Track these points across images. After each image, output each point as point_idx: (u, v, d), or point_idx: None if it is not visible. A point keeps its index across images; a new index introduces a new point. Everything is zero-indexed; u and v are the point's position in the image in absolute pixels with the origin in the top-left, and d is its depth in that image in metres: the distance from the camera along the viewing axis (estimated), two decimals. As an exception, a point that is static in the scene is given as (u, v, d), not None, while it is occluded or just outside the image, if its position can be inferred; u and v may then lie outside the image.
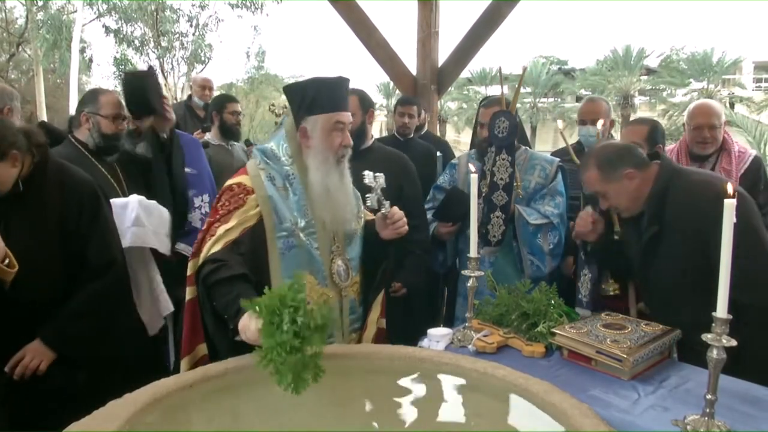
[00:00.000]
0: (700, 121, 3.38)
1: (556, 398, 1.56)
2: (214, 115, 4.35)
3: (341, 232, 2.23)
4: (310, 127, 2.11)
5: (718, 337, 1.50)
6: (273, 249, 2.09)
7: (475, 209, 2.13)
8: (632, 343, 1.91)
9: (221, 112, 4.31)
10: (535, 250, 3.03)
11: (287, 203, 2.13)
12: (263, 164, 2.16)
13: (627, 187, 2.23)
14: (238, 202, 2.09)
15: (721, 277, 1.52)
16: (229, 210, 2.08)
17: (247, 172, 2.18)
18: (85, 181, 2.45)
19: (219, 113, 4.31)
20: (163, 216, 2.90)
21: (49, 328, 2.29)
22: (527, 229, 3.00)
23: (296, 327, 1.49)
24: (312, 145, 2.12)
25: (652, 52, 30.36)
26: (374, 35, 5.19)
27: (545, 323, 2.10)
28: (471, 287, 2.13)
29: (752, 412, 1.66)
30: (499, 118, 2.90)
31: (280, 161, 2.16)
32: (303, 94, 2.13)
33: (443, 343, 2.09)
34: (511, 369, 1.73)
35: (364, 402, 1.74)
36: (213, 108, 4.42)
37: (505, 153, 2.88)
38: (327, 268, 2.19)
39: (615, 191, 2.25)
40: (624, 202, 2.29)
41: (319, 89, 2.12)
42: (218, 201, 2.15)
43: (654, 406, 1.71)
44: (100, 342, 2.41)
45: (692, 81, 28.44)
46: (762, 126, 12.74)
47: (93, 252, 2.39)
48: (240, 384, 1.73)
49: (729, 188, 1.52)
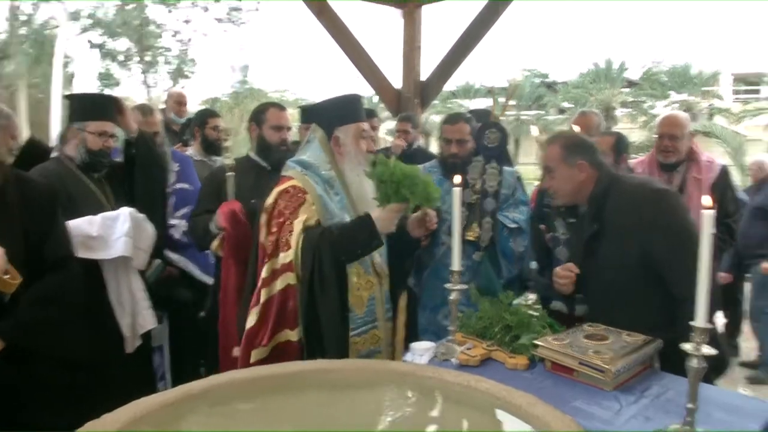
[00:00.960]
0: (662, 131, 3.52)
1: (540, 411, 1.57)
2: (195, 130, 4.32)
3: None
4: (342, 136, 2.42)
5: (697, 346, 1.52)
6: None
7: (458, 222, 2.14)
8: (614, 353, 1.92)
9: (203, 127, 4.28)
10: (507, 253, 3.15)
11: (333, 203, 2.37)
12: (304, 171, 2.39)
13: (575, 176, 2.36)
14: (299, 200, 2.30)
15: (700, 286, 1.54)
16: (294, 208, 2.28)
17: (292, 177, 2.37)
18: (42, 184, 2.52)
19: (201, 128, 4.29)
20: (148, 231, 2.89)
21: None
22: (503, 233, 3.14)
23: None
24: (345, 152, 2.42)
25: (634, 65, 30.84)
26: (358, 50, 5.23)
27: (528, 335, 2.11)
28: (453, 300, 2.14)
29: (730, 420, 1.69)
30: (489, 129, 3.06)
31: (318, 168, 2.40)
32: (331, 109, 2.49)
33: (426, 357, 2.09)
34: (495, 382, 1.73)
35: (347, 418, 1.73)
36: (195, 123, 4.39)
37: (494, 162, 3.06)
38: (370, 260, 2.43)
39: (563, 174, 2.37)
40: (564, 188, 2.41)
41: (344, 104, 2.49)
42: (275, 205, 2.32)
43: (636, 416, 1.72)
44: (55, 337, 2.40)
45: (673, 93, 28.79)
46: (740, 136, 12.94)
47: (49, 248, 2.42)
48: (224, 402, 1.72)
49: (706, 200, 1.54)
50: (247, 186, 3.11)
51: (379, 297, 2.48)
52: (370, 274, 2.44)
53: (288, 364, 1.99)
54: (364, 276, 2.42)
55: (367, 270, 2.44)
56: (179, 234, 3.44)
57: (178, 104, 5.38)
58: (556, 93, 32.47)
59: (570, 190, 2.40)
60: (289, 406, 1.76)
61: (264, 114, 3.25)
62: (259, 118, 3.25)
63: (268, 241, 2.31)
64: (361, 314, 2.39)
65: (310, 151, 2.47)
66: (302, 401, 1.71)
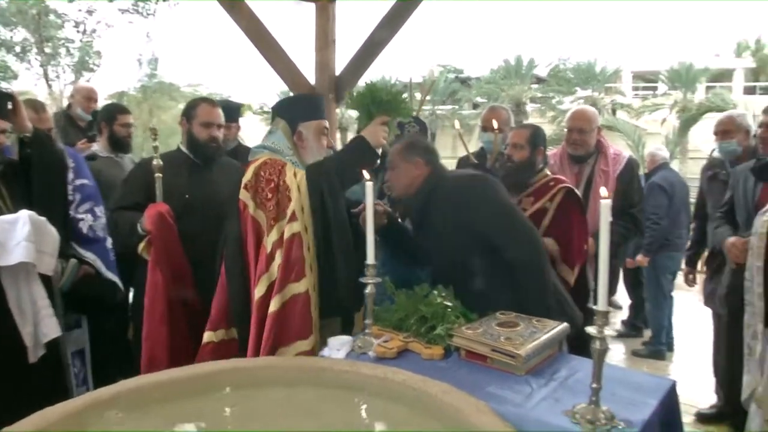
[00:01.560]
0: (571, 125, 3.68)
1: (454, 398, 1.61)
2: (103, 126, 4.10)
3: None
4: (305, 132, 2.57)
5: (600, 329, 1.60)
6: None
7: (371, 217, 2.16)
8: (524, 339, 2.00)
9: (111, 124, 4.07)
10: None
11: None
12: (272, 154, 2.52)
13: (410, 171, 2.57)
14: (280, 164, 2.46)
15: (601, 272, 1.62)
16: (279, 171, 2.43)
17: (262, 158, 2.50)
18: None
19: (109, 124, 4.07)
20: (51, 234, 2.72)
21: None
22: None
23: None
24: (307, 146, 2.57)
25: (541, 62, 32.03)
26: (272, 45, 5.13)
27: (443, 326, 2.15)
28: (369, 294, 2.15)
29: (633, 396, 1.79)
30: (410, 123, 3.14)
31: (283, 154, 2.53)
32: (297, 105, 2.71)
33: (344, 351, 2.09)
34: (411, 373, 1.77)
35: (264, 418, 1.72)
36: (102, 118, 4.17)
37: None
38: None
39: (401, 169, 2.58)
40: (400, 181, 2.61)
41: (309, 102, 2.76)
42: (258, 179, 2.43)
43: (546, 398, 1.79)
44: None
45: (578, 89, 30.14)
46: (640, 130, 13.72)
47: None
48: (135, 408, 1.66)
49: (603, 191, 1.62)
50: (180, 181, 3.05)
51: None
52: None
53: (203, 364, 1.95)
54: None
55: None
56: (86, 228, 3.26)
57: (87, 100, 5.08)
58: (469, 88, 33.25)
59: (404, 184, 2.60)
60: (206, 408, 1.72)
61: (194, 110, 3.16)
62: (189, 114, 3.17)
63: (268, 207, 2.39)
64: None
65: (274, 138, 2.58)
66: (219, 402, 1.68)
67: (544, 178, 3.10)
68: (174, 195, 3.00)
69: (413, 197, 2.60)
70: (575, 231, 3.01)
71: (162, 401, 1.68)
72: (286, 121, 2.60)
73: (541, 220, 3.01)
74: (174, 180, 3.05)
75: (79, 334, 3.20)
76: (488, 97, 30.38)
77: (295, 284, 2.31)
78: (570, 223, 3.01)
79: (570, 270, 2.98)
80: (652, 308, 5.46)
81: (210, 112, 3.16)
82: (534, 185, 3.09)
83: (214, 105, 3.24)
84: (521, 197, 3.08)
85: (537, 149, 3.06)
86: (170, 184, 3.02)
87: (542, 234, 2.97)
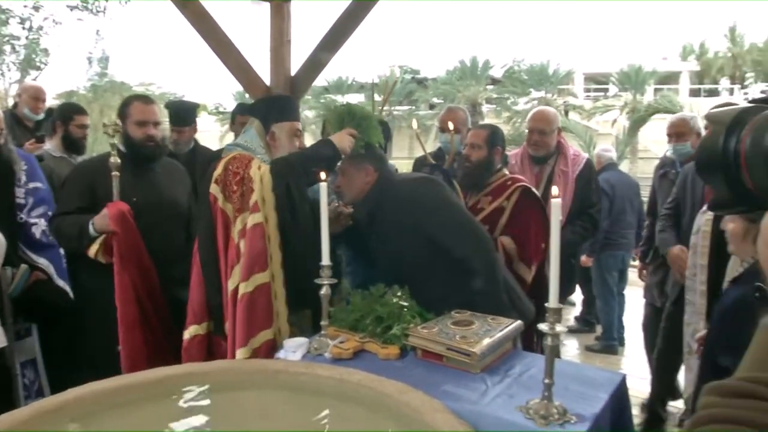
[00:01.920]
0: (531, 126, 3.74)
1: (410, 397, 1.62)
2: (57, 125, 3.97)
3: None
4: (277, 132, 2.58)
5: (552, 325, 1.63)
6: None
7: (326, 218, 2.15)
8: (479, 337, 2.02)
9: (67, 124, 3.94)
10: None
11: None
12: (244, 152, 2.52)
13: (361, 177, 2.61)
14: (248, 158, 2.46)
15: (552, 269, 1.65)
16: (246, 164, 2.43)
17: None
18: None
19: (64, 124, 3.95)
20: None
21: None
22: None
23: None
24: (279, 146, 2.57)
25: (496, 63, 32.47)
26: (226, 44, 5.05)
27: (399, 326, 2.16)
28: (324, 295, 2.15)
29: (584, 390, 1.83)
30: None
31: (256, 152, 2.53)
32: (271, 106, 2.69)
33: (300, 353, 2.08)
34: (366, 373, 1.77)
35: (220, 421, 1.69)
36: (58, 118, 4.04)
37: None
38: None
39: (352, 175, 2.62)
40: (351, 187, 2.65)
41: (284, 103, 2.76)
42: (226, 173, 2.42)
43: (501, 395, 1.81)
44: None
45: (532, 90, 30.69)
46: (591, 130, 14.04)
47: None
48: (84, 416, 1.62)
49: (555, 190, 1.66)
50: (125, 183, 2.88)
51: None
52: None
53: (155, 370, 1.91)
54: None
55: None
56: (39, 233, 3.14)
57: (34, 100, 4.91)
58: (426, 89, 33.48)
59: (355, 190, 2.63)
60: (159, 415, 1.69)
61: (127, 108, 2.99)
62: (123, 113, 2.99)
63: (234, 199, 2.39)
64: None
65: (248, 137, 2.61)
66: (173, 408, 1.64)
67: (502, 177, 3.13)
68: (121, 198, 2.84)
69: (363, 202, 2.63)
70: (532, 230, 3.04)
71: (113, 408, 1.64)
72: (260, 120, 2.62)
73: (498, 219, 3.04)
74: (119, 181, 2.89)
75: (30, 343, 3.06)
76: (444, 97, 30.65)
77: (260, 275, 2.31)
78: (527, 222, 3.04)
79: (527, 268, 3.01)
80: (602, 305, 5.62)
81: (144, 110, 3.00)
82: (492, 185, 3.12)
83: (148, 102, 3.08)
84: (479, 197, 3.11)
85: (495, 149, 3.09)
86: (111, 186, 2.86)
87: (500, 233, 3.01)
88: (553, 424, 1.62)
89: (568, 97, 30.94)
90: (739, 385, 0.84)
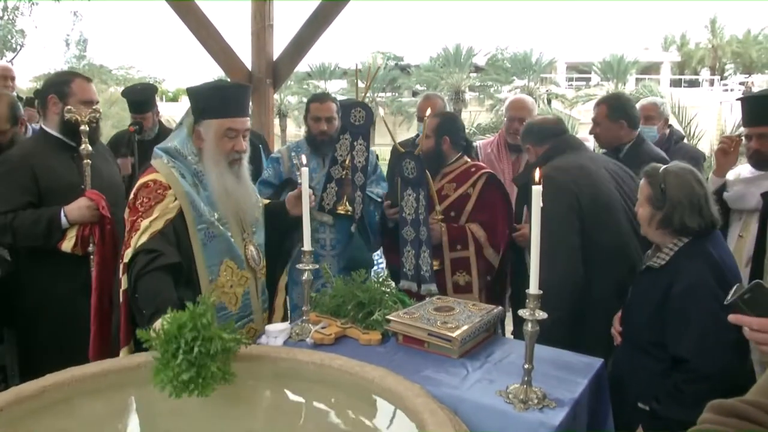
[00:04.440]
0: (511, 114, 3.78)
1: (391, 382, 1.63)
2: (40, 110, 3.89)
3: (247, 220, 2.39)
4: (204, 131, 2.21)
5: (532, 311, 1.65)
6: (195, 240, 2.18)
7: (307, 203, 2.14)
8: (459, 323, 2.03)
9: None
10: (372, 225, 3.34)
11: (200, 198, 2.21)
12: (171, 162, 2.21)
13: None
14: (158, 197, 2.12)
15: (533, 256, 1.66)
16: (150, 205, 2.11)
17: (157, 170, 2.19)
18: None
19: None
20: None
21: None
22: (369, 206, 3.29)
23: (191, 357, 1.50)
24: (205, 148, 2.22)
25: (480, 51, 32.50)
26: (207, 27, 4.99)
27: (380, 311, 2.16)
28: (306, 280, 2.14)
29: (563, 376, 1.85)
30: (356, 108, 3.09)
31: (186, 159, 2.23)
32: (200, 98, 2.23)
33: (281, 338, 2.07)
34: (348, 358, 1.77)
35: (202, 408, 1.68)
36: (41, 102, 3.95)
37: (361, 139, 3.13)
38: (243, 254, 2.33)
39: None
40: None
41: (215, 95, 2.23)
42: (135, 199, 2.16)
43: (481, 380, 1.83)
44: None
45: (515, 78, 30.78)
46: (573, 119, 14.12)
47: None
48: (60, 401, 1.60)
49: (536, 176, 1.66)
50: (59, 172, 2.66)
51: (254, 290, 2.38)
52: (244, 269, 2.32)
53: (136, 355, 1.89)
54: (237, 272, 2.29)
55: (241, 266, 2.31)
56: None
57: (3, 78, 4.84)
58: (409, 76, 33.42)
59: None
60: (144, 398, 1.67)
61: (67, 86, 2.69)
62: (62, 92, 2.69)
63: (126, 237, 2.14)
64: (235, 311, 2.28)
65: (179, 138, 2.26)
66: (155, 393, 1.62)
67: (464, 164, 3.16)
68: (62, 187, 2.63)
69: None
70: (499, 216, 3.09)
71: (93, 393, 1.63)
72: (194, 115, 2.26)
73: (464, 205, 3.08)
74: (60, 170, 2.67)
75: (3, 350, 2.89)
76: (427, 84, 30.62)
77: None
78: (494, 208, 3.08)
79: (496, 254, 3.05)
80: None
81: (87, 88, 2.75)
82: (454, 172, 3.13)
83: (89, 80, 2.84)
84: (443, 183, 3.12)
85: (442, 138, 3.10)
86: (57, 174, 2.66)
87: (467, 219, 3.06)
88: (532, 408, 1.64)
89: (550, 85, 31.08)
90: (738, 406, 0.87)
